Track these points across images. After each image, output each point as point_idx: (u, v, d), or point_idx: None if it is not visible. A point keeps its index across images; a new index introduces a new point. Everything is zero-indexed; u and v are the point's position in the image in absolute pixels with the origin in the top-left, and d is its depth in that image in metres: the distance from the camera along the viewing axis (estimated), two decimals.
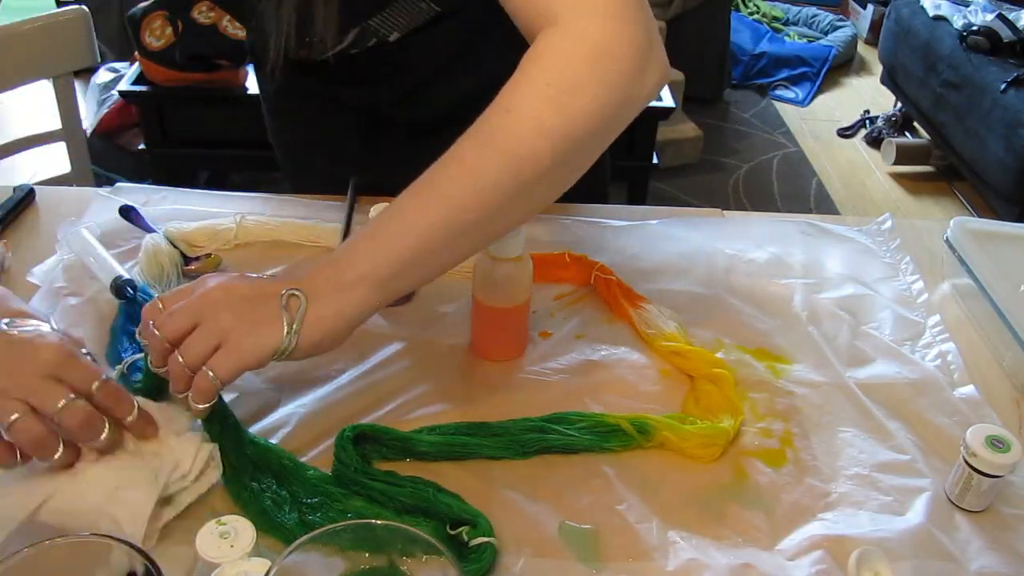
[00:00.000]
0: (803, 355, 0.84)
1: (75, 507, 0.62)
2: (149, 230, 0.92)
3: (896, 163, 3.10)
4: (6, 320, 0.65)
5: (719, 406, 0.76)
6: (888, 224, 1.03)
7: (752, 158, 3.17)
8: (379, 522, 0.52)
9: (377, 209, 0.83)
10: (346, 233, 0.94)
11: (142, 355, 0.70)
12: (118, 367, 0.74)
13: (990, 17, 2.81)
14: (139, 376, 0.73)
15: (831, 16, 4.07)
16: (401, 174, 0.68)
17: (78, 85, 1.51)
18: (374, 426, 0.71)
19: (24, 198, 0.98)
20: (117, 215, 0.94)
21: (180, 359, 0.63)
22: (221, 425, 0.68)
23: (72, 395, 0.61)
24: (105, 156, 2.44)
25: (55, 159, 1.58)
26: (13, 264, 0.89)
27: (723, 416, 0.75)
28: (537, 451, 0.72)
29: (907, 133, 3.31)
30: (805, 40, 3.95)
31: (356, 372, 0.79)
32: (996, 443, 0.68)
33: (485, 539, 0.62)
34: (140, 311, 0.80)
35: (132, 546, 0.48)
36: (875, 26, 3.95)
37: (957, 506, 0.70)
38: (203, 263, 0.90)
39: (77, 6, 1.47)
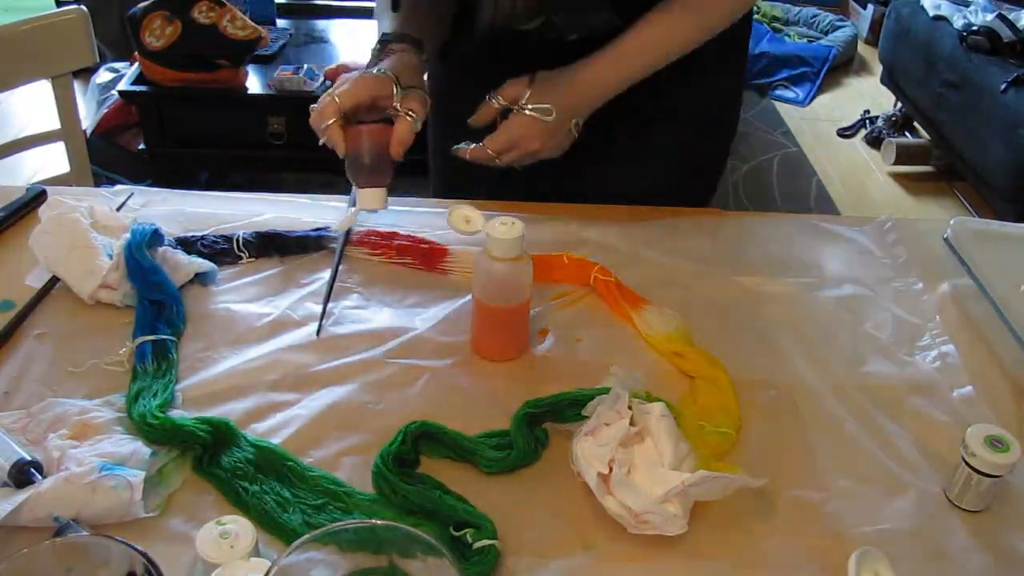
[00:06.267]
0: (803, 355, 0.84)
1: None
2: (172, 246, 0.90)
3: (896, 163, 3.10)
4: None
5: (717, 406, 0.77)
6: (888, 224, 1.03)
7: (752, 158, 3.17)
8: (379, 522, 0.52)
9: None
10: (346, 234, 0.94)
11: (150, 338, 0.77)
12: (128, 346, 0.79)
13: (990, 17, 2.81)
14: (149, 359, 0.77)
15: (831, 16, 4.07)
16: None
17: (78, 85, 1.51)
18: (441, 427, 0.72)
19: (34, 199, 0.97)
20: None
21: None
22: (212, 427, 0.69)
23: None
24: (105, 156, 2.44)
25: (55, 159, 1.58)
26: (15, 266, 0.89)
27: (720, 417, 0.75)
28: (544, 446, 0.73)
29: (907, 133, 3.31)
30: (805, 40, 3.95)
31: (356, 373, 0.79)
32: (995, 443, 0.68)
33: (488, 541, 0.62)
34: (144, 310, 0.83)
35: (132, 546, 0.48)
36: (875, 26, 3.94)
37: (956, 506, 0.70)
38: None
39: (77, 6, 1.47)
